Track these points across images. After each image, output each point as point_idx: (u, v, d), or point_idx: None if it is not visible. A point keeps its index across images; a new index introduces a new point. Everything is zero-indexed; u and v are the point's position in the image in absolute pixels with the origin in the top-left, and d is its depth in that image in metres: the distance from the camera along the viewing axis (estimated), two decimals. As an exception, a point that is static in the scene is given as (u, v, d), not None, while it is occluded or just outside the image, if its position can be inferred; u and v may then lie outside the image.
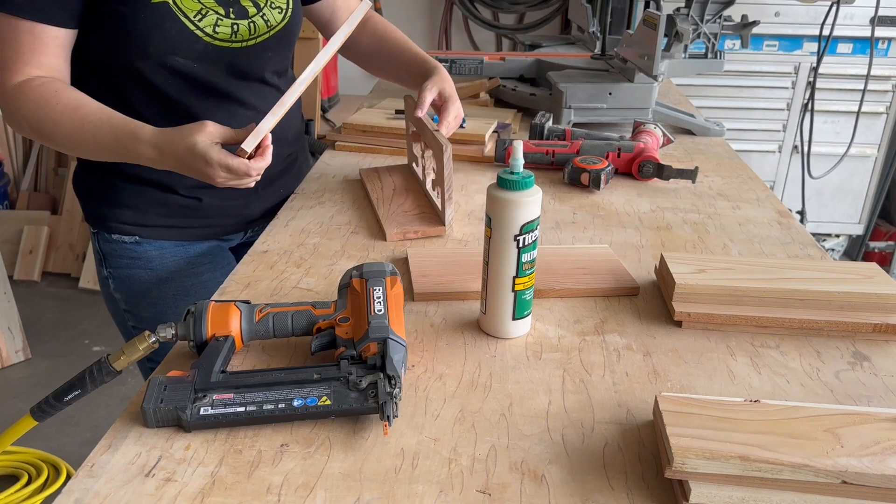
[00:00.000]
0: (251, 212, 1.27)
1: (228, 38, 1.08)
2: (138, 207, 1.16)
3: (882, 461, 0.60)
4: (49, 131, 0.99)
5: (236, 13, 1.08)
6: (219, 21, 1.06)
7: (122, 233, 1.17)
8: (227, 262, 1.26)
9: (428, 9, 3.55)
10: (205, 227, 1.21)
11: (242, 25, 1.09)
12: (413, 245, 1.11)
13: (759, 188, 1.39)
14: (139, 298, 1.20)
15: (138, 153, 0.97)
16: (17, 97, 0.98)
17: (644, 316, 0.93)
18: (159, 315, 1.18)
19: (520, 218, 0.81)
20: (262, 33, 1.12)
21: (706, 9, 1.64)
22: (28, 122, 0.99)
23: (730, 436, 0.62)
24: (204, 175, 0.95)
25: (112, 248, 1.18)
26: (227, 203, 1.22)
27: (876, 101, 2.93)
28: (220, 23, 1.06)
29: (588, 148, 1.42)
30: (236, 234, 1.30)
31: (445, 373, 0.81)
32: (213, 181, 0.96)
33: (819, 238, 3.20)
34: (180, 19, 1.03)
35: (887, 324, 0.88)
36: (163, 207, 1.17)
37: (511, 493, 0.64)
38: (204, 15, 1.04)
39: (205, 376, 0.73)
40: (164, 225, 1.17)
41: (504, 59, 1.88)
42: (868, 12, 2.74)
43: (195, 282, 1.20)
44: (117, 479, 0.65)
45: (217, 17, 1.06)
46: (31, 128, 1.00)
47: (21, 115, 0.99)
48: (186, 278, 1.20)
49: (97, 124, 0.98)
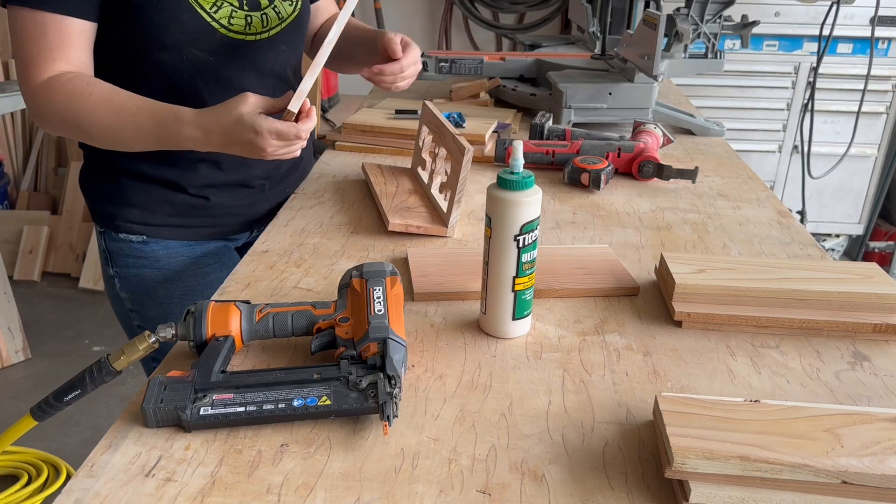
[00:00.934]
0: (257, 211, 1.27)
1: (243, 30, 1.08)
2: (145, 206, 1.16)
3: (882, 461, 0.60)
4: (86, 124, 0.98)
5: (250, 5, 1.09)
6: (233, 13, 1.06)
7: (130, 232, 1.16)
8: (233, 262, 1.25)
9: (428, 9, 3.55)
10: (212, 227, 1.21)
11: (255, 17, 1.09)
12: (413, 245, 1.11)
13: (759, 188, 1.39)
14: (145, 298, 1.19)
15: (181, 135, 0.96)
16: (46, 93, 0.98)
17: (644, 316, 0.93)
18: (165, 315, 1.18)
19: (520, 218, 0.81)
20: (275, 25, 1.13)
21: (706, 9, 1.64)
22: (61, 117, 0.99)
23: (730, 436, 0.62)
24: (253, 146, 0.94)
25: (119, 248, 1.18)
26: (235, 202, 1.22)
27: (876, 101, 2.93)
28: (234, 14, 1.06)
29: (588, 148, 1.42)
30: (242, 234, 1.30)
31: (445, 373, 0.81)
32: (264, 151, 0.95)
33: (819, 238, 3.20)
34: (197, 10, 1.03)
35: (887, 324, 0.88)
36: (170, 206, 1.17)
37: (511, 493, 0.64)
38: (220, 6, 1.05)
39: (205, 376, 0.73)
40: (172, 224, 1.17)
41: (504, 59, 1.88)
42: (868, 12, 2.74)
43: (202, 282, 1.20)
44: (117, 479, 0.65)
45: (232, 8, 1.06)
46: (65, 123, 1.00)
47: (52, 110, 0.98)
48: (193, 278, 1.20)
49: (135, 112, 0.97)
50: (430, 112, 1.22)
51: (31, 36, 0.97)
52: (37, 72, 0.98)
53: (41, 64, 0.97)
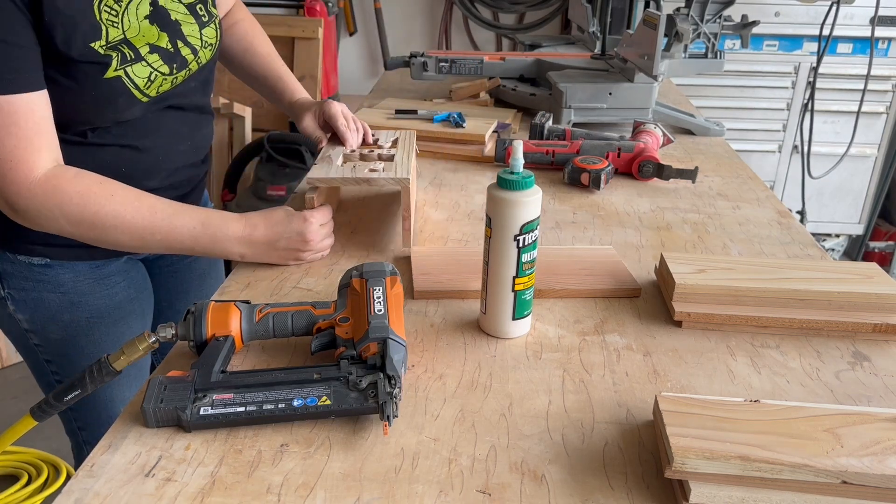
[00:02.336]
0: None
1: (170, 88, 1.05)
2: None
3: (882, 461, 0.60)
4: (110, 226, 0.93)
5: (178, 65, 1.04)
6: (164, 80, 1.02)
7: (31, 254, 1.07)
8: (140, 276, 1.20)
9: (428, 9, 3.55)
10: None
11: (181, 73, 1.06)
12: (415, 243, 1.11)
13: (759, 188, 1.39)
14: (48, 322, 1.12)
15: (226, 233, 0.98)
16: (52, 195, 0.90)
17: (644, 316, 0.93)
18: (71, 338, 1.11)
19: (520, 218, 0.81)
20: (195, 70, 1.09)
21: (706, 9, 1.64)
22: (73, 219, 0.92)
23: (730, 436, 0.62)
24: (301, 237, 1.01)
25: (16, 270, 1.09)
26: None
27: (876, 101, 2.93)
28: (164, 82, 1.02)
29: (588, 148, 1.42)
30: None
31: (445, 373, 0.81)
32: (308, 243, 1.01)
33: (819, 238, 3.20)
34: (131, 91, 0.98)
35: (887, 324, 0.88)
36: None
37: (511, 493, 0.64)
38: (153, 80, 1.00)
39: (205, 376, 0.73)
40: (75, 244, 1.03)
41: (504, 59, 1.88)
42: (868, 12, 2.74)
43: (110, 303, 1.14)
44: (117, 479, 0.65)
45: (163, 77, 1.01)
46: (78, 224, 0.93)
47: (62, 212, 0.91)
48: (100, 300, 1.13)
49: (172, 213, 0.96)
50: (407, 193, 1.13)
51: (2, 127, 0.86)
52: (25, 169, 0.88)
53: (27, 159, 0.88)
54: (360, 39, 3.53)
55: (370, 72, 3.56)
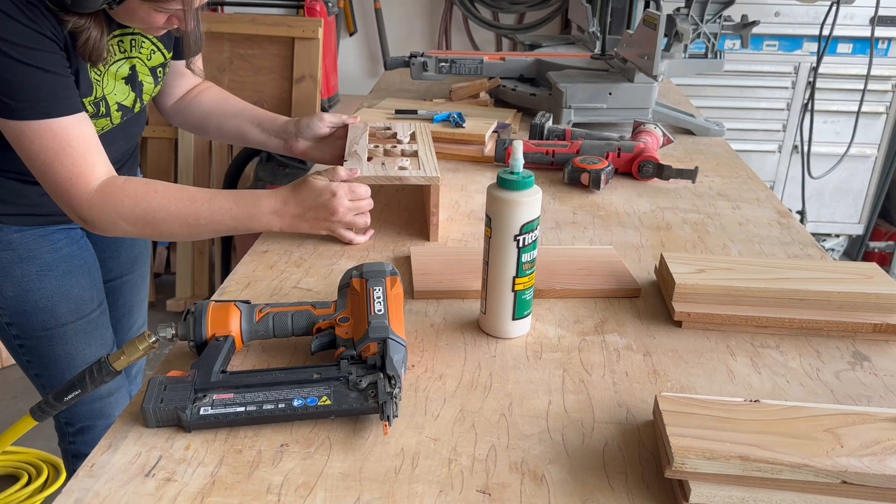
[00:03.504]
0: None
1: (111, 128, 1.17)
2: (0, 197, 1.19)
3: (882, 461, 0.60)
4: (160, 219, 1.03)
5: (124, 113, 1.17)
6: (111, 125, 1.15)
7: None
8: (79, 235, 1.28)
9: (428, 9, 3.54)
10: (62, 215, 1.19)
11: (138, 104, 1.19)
12: (415, 243, 1.11)
13: (759, 188, 1.39)
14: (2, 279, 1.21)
15: (260, 208, 1.04)
16: (108, 202, 1.01)
17: (644, 316, 0.93)
18: (25, 293, 1.20)
19: (520, 218, 0.81)
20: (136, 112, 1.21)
21: (706, 9, 1.64)
22: (128, 219, 1.02)
23: (730, 436, 0.62)
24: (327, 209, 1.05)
25: None
26: None
27: (876, 101, 2.93)
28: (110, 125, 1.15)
29: (588, 148, 1.42)
30: None
31: (445, 373, 0.81)
32: (335, 213, 1.05)
33: (819, 238, 3.20)
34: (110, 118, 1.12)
35: (887, 324, 0.88)
36: (24, 198, 1.18)
37: (511, 493, 0.64)
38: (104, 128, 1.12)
39: (205, 376, 0.73)
40: (26, 213, 1.19)
41: (504, 59, 1.88)
42: (868, 12, 2.74)
43: (56, 256, 1.22)
44: (117, 479, 0.65)
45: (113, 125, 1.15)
46: (134, 223, 1.03)
47: (119, 215, 1.02)
48: (47, 254, 1.22)
49: (209, 198, 1.04)
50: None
51: (60, 149, 0.98)
52: (83, 184, 1.00)
53: (85, 174, 1.00)
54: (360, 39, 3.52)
55: (370, 72, 3.56)
